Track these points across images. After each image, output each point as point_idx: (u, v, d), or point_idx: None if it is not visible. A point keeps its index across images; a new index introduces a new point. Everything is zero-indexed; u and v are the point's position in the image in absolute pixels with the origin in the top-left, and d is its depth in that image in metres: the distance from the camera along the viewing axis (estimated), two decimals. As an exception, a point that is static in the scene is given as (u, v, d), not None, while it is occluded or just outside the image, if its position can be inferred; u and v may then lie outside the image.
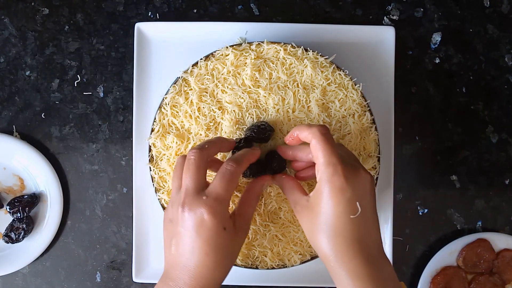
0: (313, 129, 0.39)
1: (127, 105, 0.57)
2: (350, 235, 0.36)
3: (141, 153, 0.52)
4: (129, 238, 0.57)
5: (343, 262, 0.36)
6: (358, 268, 0.36)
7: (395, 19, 0.57)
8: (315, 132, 0.38)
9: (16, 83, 0.57)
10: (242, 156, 0.41)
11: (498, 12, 0.57)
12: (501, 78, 0.57)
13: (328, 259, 0.37)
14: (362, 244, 0.37)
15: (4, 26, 0.57)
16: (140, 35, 0.53)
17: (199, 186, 0.39)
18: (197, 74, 0.49)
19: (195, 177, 0.39)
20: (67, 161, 0.57)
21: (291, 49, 0.48)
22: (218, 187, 0.38)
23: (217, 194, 0.38)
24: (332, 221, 0.37)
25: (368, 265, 0.36)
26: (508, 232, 0.57)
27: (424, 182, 0.57)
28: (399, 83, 0.55)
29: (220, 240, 0.38)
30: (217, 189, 0.38)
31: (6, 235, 0.55)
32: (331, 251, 0.37)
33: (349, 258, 0.36)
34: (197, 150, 0.40)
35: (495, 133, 0.57)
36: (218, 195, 0.38)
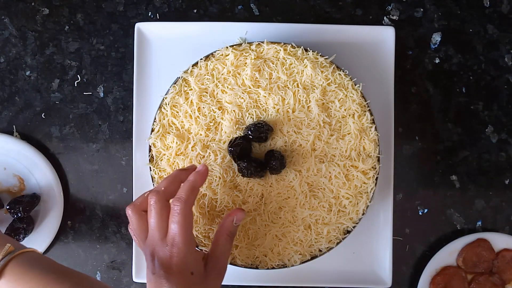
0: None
1: (127, 105, 0.57)
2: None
3: (141, 153, 0.52)
4: (129, 238, 0.57)
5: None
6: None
7: (395, 19, 0.57)
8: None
9: (16, 83, 0.57)
10: (187, 190, 0.41)
11: (498, 12, 0.57)
12: (501, 78, 0.57)
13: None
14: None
15: (4, 26, 0.57)
16: (140, 35, 0.53)
17: (162, 233, 0.39)
18: (197, 74, 0.49)
19: (157, 224, 0.39)
20: (67, 161, 0.57)
21: (291, 49, 0.48)
22: (176, 234, 0.39)
23: (177, 241, 0.39)
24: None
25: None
26: (508, 232, 0.57)
27: (424, 182, 0.57)
28: (399, 83, 0.55)
29: (189, 285, 0.38)
30: (175, 236, 0.39)
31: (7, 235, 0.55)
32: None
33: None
34: (154, 195, 0.40)
35: (495, 133, 0.57)
36: (178, 242, 0.38)
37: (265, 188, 0.48)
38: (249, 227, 0.48)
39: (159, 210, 0.40)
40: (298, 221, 0.48)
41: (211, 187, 0.48)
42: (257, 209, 0.48)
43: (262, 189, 0.47)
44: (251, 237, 0.48)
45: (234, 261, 0.48)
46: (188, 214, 0.40)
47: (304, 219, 0.48)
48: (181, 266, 0.38)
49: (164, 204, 0.40)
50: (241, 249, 0.48)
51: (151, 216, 0.40)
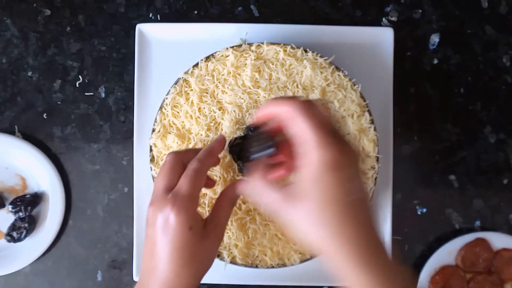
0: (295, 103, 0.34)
1: (128, 105, 0.57)
2: (350, 218, 0.32)
3: (142, 153, 0.53)
4: (130, 238, 0.57)
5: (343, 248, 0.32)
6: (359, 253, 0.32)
7: (394, 20, 0.57)
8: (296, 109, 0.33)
9: (18, 84, 0.58)
10: (204, 152, 0.40)
11: (496, 13, 0.58)
12: (499, 79, 0.58)
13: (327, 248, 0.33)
14: (363, 226, 0.33)
15: (6, 27, 0.58)
16: (141, 36, 0.54)
17: (168, 186, 0.38)
18: (198, 75, 0.49)
19: (166, 177, 0.38)
20: (69, 161, 0.58)
21: (291, 50, 0.49)
22: (183, 186, 0.37)
23: (182, 192, 0.37)
24: (330, 206, 0.32)
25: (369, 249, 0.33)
26: (507, 231, 0.57)
27: (422, 182, 0.57)
28: (398, 84, 0.55)
29: (185, 240, 0.36)
30: (182, 187, 0.37)
31: (8, 234, 0.56)
32: (330, 238, 0.32)
33: (350, 244, 0.32)
34: (172, 153, 0.40)
35: (493, 133, 0.58)
36: (182, 193, 0.37)
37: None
38: (249, 226, 0.48)
39: (173, 165, 0.39)
40: (298, 220, 0.48)
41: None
42: (257, 208, 0.48)
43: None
44: (251, 236, 0.48)
45: (234, 260, 0.49)
46: (201, 174, 0.38)
47: (303, 219, 0.48)
48: (180, 218, 0.36)
49: (178, 162, 0.39)
50: (241, 248, 0.48)
51: (162, 169, 0.39)
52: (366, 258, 0.33)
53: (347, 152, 0.33)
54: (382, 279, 0.33)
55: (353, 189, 0.33)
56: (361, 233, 0.33)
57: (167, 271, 0.36)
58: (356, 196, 0.33)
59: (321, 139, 0.32)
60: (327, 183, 0.32)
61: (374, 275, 0.32)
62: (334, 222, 0.33)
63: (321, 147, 0.32)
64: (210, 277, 0.54)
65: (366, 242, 0.33)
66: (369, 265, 0.33)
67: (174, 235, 0.36)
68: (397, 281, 0.33)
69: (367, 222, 0.34)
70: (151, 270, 0.37)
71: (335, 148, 0.32)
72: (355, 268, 0.33)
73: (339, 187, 0.32)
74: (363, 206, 0.34)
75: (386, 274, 0.33)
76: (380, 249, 0.34)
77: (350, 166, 0.33)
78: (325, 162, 0.32)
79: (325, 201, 0.32)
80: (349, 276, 0.33)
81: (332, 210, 0.32)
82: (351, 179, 0.33)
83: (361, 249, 0.33)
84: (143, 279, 0.38)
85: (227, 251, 0.49)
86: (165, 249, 0.36)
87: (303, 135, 0.33)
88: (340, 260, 0.33)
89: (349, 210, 0.33)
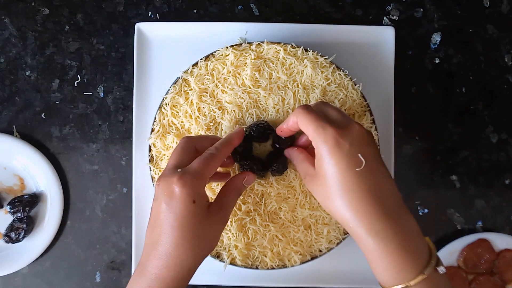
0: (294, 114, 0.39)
1: (127, 105, 0.57)
2: (360, 188, 0.35)
3: (141, 153, 0.52)
4: (129, 238, 0.57)
5: (360, 220, 0.35)
6: (377, 223, 0.34)
7: (395, 19, 0.57)
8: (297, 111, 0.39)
9: (17, 83, 0.57)
10: (223, 141, 0.41)
11: (497, 12, 0.57)
12: (500, 78, 0.57)
13: (346, 220, 0.36)
14: (376, 197, 0.35)
15: (5, 26, 0.57)
16: (140, 35, 0.53)
17: (177, 165, 0.38)
18: (197, 74, 0.49)
19: (177, 157, 0.39)
20: (67, 161, 0.57)
21: (291, 49, 0.48)
22: (194, 164, 0.38)
23: (191, 169, 0.37)
24: (340, 179, 0.35)
25: (387, 219, 0.35)
26: (509, 232, 0.57)
27: (424, 182, 0.57)
28: (399, 83, 0.55)
29: (188, 212, 0.36)
30: (193, 165, 0.38)
31: (6, 235, 0.55)
32: (347, 211, 0.35)
33: (365, 214, 0.35)
34: (186, 137, 0.41)
35: (495, 133, 0.57)
36: (191, 170, 0.37)
37: (265, 188, 0.47)
38: (249, 227, 0.48)
39: (184, 147, 0.40)
40: (298, 221, 0.48)
41: (211, 187, 0.48)
42: (257, 209, 0.48)
43: (262, 189, 0.47)
44: (251, 237, 0.48)
45: (234, 261, 0.48)
46: (215, 159, 0.39)
47: (304, 219, 0.48)
48: (185, 190, 0.36)
49: (191, 146, 0.40)
50: (241, 249, 0.48)
51: (175, 151, 0.40)
52: (374, 225, 0.35)
53: (347, 130, 0.36)
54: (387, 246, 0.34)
55: (356, 161, 0.35)
56: (369, 200, 0.35)
57: (168, 243, 0.36)
58: (362, 167, 0.35)
59: (319, 126, 0.36)
60: (335, 160, 0.36)
61: (381, 241, 0.34)
62: (344, 194, 0.35)
63: (323, 135, 0.36)
64: (209, 278, 0.54)
65: (372, 210, 0.35)
66: (378, 232, 0.35)
67: (177, 207, 0.36)
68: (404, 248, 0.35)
69: (376, 189, 0.35)
70: (152, 245, 0.37)
71: (334, 131, 0.36)
72: (365, 234, 0.35)
73: (342, 163, 0.35)
74: (373, 174, 0.36)
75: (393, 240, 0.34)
76: (390, 214, 0.35)
77: (352, 143, 0.36)
78: (329, 144, 0.36)
79: (336, 175, 0.36)
80: (362, 241, 0.36)
81: (340, 183, 0.36)
82: (352, 153, 0.36)
83: (366, 216, 0.35)
84: (143, 258, 0.38)
85: (227, 252, 0.48)
86: (168, 220, 0.36)
87: (308, 128, 0.37)
88: (351, 228, 0.36)
89: (355, 180, 0.35)
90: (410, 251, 0.35)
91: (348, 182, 0.35)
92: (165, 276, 0.36)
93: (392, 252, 0.34)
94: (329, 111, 0.39)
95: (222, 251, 0.48)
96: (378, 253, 0.35)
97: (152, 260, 0.37)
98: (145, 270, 0.37)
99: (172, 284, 0.36)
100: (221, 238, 0.48)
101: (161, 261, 0.36)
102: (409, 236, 0.35)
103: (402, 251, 0.34)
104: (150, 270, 0.36)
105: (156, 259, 0.36)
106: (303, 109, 0.38)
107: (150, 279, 0.36)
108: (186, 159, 0.39)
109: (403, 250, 0.34)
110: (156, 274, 0.36)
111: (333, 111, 0.39)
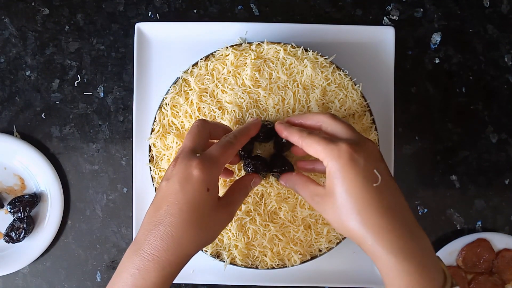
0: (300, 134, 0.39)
1: (127, 105, 0.57)
2: (379, 205, 0.34)
3: (141, 153, 0.52)
4: (129, 238, 0.57)
5: (379, 238, 0.33)
6: (398, 241, 0.33)
7: (395, 19, 0.57)
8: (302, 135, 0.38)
9: (17, 83, 0.57)
10: (240, 130, 0.41)
11: (497, 12, 0.57)
12: (500, 78, 0.57)
13: (364, 239, 0.34)
14: (395, 214, 0.34)
15: (5, 26, 0.57)
16: (140, 35, 0.53)
17: (194, 147, 0.38)
18: (197, 74, 0.49)
19: (194, 139, 0.39)
20: (67, 161, 0.57)
21: (291, 49, 0.48)
22: (213, 150, 0.38)
23: (211, 154, 0.37)
24: (356, 195, 0.34)
25: (408, 237, 0.34)
26: (508, 232, 0.57)
27: (424, 182, 0.57)
28: (399, 83, 0.55)
29: (200, 201, 0.36)
30: (212, 151, 0.38)
31: (7, 234, 0.55)
32: (364, 229, 0.34)
33: (385, 232, 0.33)
34: (201, 119, 0.41)
35: (494, 133, 0.57)
36: (211, 155, 0.37)
37: (265, 188, 0.48)
38: (249, 226, 0.48)
39: (201, 129, 0.40)
40: (298, 221, 0.48)
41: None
42: (257, 209, 0.48)
43: (262, 188, 0.48)
44: (251, 237, 0.48)
45: (234, 260, 0.48)
46: (233, 147, 0.39)
47: (304, 219, 0.48)
48: (203, 176, 0.35)
49: (206, 129, 0.40)
50: (241, 249, 0.48)
51: (191, 132, 0.40)
52: (397, 243, 0.33)
53: (360, 146, 0.36)
54: (408, 265, 0.33)
55: (373, 176, 0.35)
56: (389, 217, 0.34)
57: (172, 225, 0.35)
58: (379, 182, 0.34)
59: (328, 145, 0.36)
60: (350, 176, 0.34)
61: (402, 260, 0.33)
62: (361, 211, 0.34)
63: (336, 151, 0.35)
64: (209, 278, 0.54)
65: (392, 228, 0.34)
66: (400, 250, 0.33)
67: (191, 191, 0.35)
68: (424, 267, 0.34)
69: (394, 206, 0.35)
70: (154, 224, 0.36)
71: (349, 147, 0.35)
72: (386, 252, 0.34)
73: (358, 178, 0.34)
74: (390, 190, 0.35)
75: (414, 259, 0.33)
76: (409, 232, 0.34)
77: (366, 158, 0.35)
78: (344, 160, 0.35)
79: (353, 192, 0.34)
80: (381, 260, 0.34)
81: (357, 200, 0.34)
82: (368, 169, 0.35)
83: (387, 234, 0.34)
84: (140, 237, 0.36)
85: (227, 251, 0.48)
86: (178, 202, 0.35)
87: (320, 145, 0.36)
88: (369, 246, 0.34)
89: (373, 196, 0.34)
90: (430, 270, 0.34)
91: (365, 198, 0.34)
92: (163, 259, 0.35)
93: (414, 271, 0.33)
94: (339, 127, 0.39)
95: (222, 251, 0.49)
96: (398, 272, 0.33)
97: (151, 240, 0.35)
98: (141, 250, 0.35)
99: (168, 268, 0.35)
100: (221, 238, 0.48)
101: (162, 242, 0.35)
102: (427, 255, 0.34)
103: (423, 270, 0.33)
104: (147, 250, 0.35)
105: (156, 239, 0.35)
106: (309, 134, 0.38)
107: (147, 260, 0.35)
108: (203, 143, 0.39)
109: (423, 269, 0.33)
110: (154, 256, 0.35)
111: (344, 128, 0.38)
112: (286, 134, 0.41)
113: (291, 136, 0.40)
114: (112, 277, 0.36)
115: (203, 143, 0.39)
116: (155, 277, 0.35)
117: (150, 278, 0.35)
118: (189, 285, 0.57)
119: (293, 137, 0.40)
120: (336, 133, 0.38)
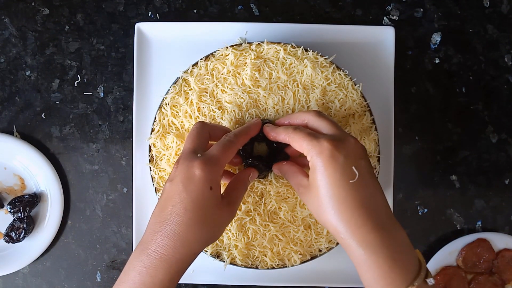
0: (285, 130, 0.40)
1: (127, 105, 0.57)
2: (353, 200, 0.36)
3: (141, 153, 0.52)
4: (129, 238, 0.57)
5: (352, 231, 0.35)
6: (368, 235, 0.35)
7: (395, 19, 0.57)
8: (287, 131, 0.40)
9: (17, 83, 0.57)
10: (241, 129, 0.42)
11: (497, 12, 0.57)
12: (500, 78, 0.57)
13: (338, 231, 0.36)
14: (368, 209, 0.36)
15: (5, 26, 0.57)
16: (140, 35, 0.53)
17: (195, 148, 0.39)
18: (197, 74, 0.49)
19: (194, 140, 0.40)
20: (67, 161, 0.57)
21: (291, 49, 0.48)
22: (214, 150, 0.39)
23: (212, 154, 0.38)
24: (333, 190, 0.36)
25: (378, 231, 0.35)
26: (508, 232, 0.57)
27: (424, 182, 0.57)
28: (399, 83, 0.55)
29: (203, 198, 0.37)
30: (212, 151, 0.39)
31: (7, 234, 0.55)
32: (338, 222, 0.36)
33: (357, 226, 0.35)
34: (201, 122, 0.42)
35: (494, 133, 0.57)
36: (212, 155, 0.38)
37: (265, 186, 0.48)
38: (249, 226, 0.48)
39: (200, 131, 0.41)
40: (298, 220, 0.48)
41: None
42: (256, 209, 0.48)
43: (261, 187, 0.48)
44: (251, 237, 0.48)
45: (234, 260, 0.48)
46: (233, 146, 0.40)
47: (304, 219, 0.48)
48: (205, 175, 0.36)
49: (206, 131, 0.41)
50: (241, 249, 0.48)
51: (190, 134, 0.40)
52: (366, 236, 0.35)
53: (342, 143, 0.37)
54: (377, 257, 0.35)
55: (351, 173, 0.36)
56: (361, 212, 0.36)
57: (178, 224, 0.36)
58: (356, 179, 0.36)
59: (315, 140, 0.37)
60: (329, 171, 0.36)
61: (372, 253, 0.35)
62: (336, 205, 0.36)
63: (318, 147, 0.37)
64: (209, 278, 0.54)
65: (364, 222, 0.35)
66: (369, 243, 0.35)
67: (194, 190, 0.36)
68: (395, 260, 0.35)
69: (369, 202, 0.36)
70: (160, 224, 0.37)
71: (330, 143, 0.37)
72: (356, 245, 0.35)
73: (337, 174, 0.36)
74: (366, 187, 0.37)
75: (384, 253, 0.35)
76: (381, 226, 0.36)
77: (346, 155, 0.36)
78: (324, 155, 0.36)
79: (330, 187, 0.36)
80: (353, 252, 0.36)
81: (333, 194, 0.36)
82: (347, 166, 0.36)
83: (358, 228, 0.35)
84: (148, 236, 0.37)
85: (227, 251, 0.48)
86: (182, 202, 0.36)
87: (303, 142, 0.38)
88: (342, 238, 0.36)
89: (348, 192, 0.36)
90: (401, 263, 0.35)
91: (340, 194, 0.36)
92: (170, 256, 0.36)
93: (383, 264, 0.35)
94: (323, 124, 0.40)
95: (222, 251, 0.49)
96: (369, 264, 0.35)
97: (158, 239, 0.36)
98: (148, 249, 0.36)
99: (175, 266, 0.36)
100: (221, 238, 0.48)
101: (169, 241, 0.36)
102: (399, 249, 0.36)
103: (392, 263, 0.35)
104: (155, 249, 0.36)
105: (163, 238, 0.36)
106: (294, 130, 0.39)
107: (155, 259, 0.36)
108: (203, 144, 0.40)
109: (393, 262, 0.35)
110: (161, 254, 0.36)
111: (327, 125, 0.40)
112: (273, 135, 0.42)
113: (278, 136, 0.41)
114: (120, 276, 0.37)
115: (203, 145, 0.40)
116: (163, 274, 0.36)
117: (158, 276, 0.36)
118: (189, 285, 0.57)
119: (280, 135, 0.41)
120: (320, 130, 0.40)
